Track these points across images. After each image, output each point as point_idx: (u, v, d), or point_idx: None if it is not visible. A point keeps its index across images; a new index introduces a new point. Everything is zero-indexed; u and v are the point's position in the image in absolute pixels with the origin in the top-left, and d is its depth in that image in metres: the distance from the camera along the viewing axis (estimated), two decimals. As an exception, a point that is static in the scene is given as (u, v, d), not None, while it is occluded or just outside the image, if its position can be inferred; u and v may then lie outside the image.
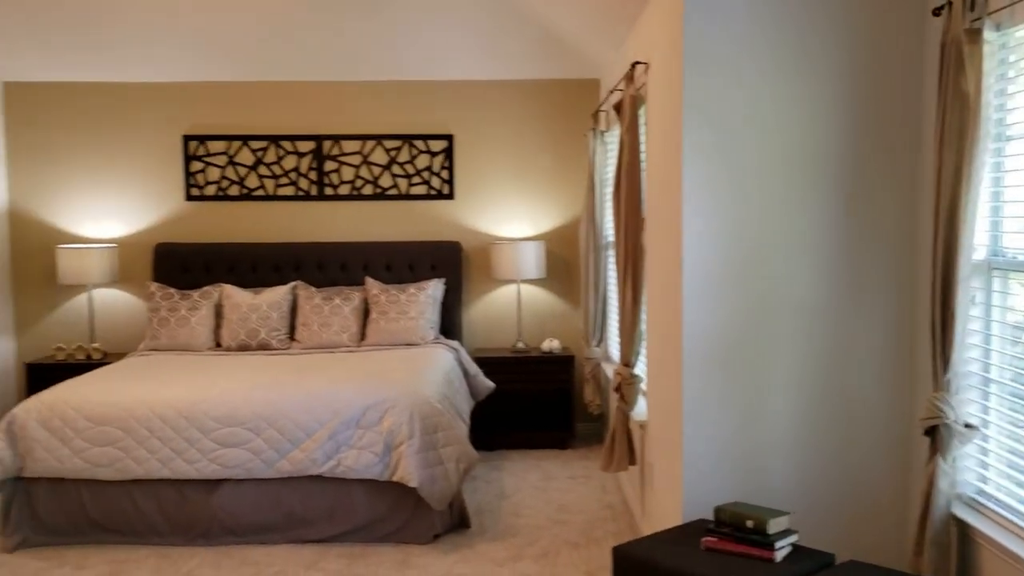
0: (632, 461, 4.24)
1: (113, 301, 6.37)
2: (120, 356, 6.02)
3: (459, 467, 4.24)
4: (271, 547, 4.26)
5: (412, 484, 4.13)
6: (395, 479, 4.19)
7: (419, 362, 5.07)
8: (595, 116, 5.64)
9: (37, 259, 6.33)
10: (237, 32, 5.72)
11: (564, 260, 6.36)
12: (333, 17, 5.59)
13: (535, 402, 6.00)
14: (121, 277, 6.31)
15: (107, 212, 6.35)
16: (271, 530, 4.31)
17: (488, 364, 5.93)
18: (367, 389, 4.42)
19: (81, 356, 6.10)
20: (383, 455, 4.21)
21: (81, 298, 6.34)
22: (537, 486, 5.19)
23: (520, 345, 6.16)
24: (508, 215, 6.35)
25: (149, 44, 5.86)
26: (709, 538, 2.87)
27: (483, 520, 4.60)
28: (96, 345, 6.15)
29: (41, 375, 5.87)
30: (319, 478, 4.28)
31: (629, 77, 4.22)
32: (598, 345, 5.60)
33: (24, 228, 6.33)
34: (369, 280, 5.98)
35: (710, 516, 3.11)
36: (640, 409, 4.24)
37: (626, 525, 4.51)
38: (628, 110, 4.13)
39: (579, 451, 5.94)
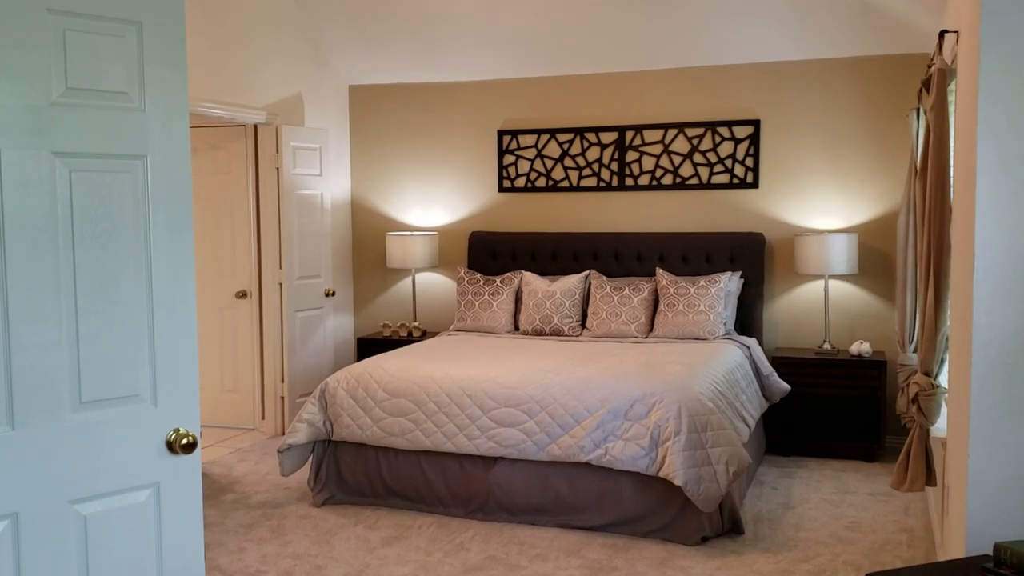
0: (930, 481, 3.76)
1: (433, 284, 6.89)
2: (436, 335, 6.45)
3: (728, 469, 4.02)
4: (540, 528, 4.35)
5: (677, 482, 3.99)
6: (661, 475, 4.08)
7: (700, 357, 4.88)
8: (919, 94, 5.04)
9: (371, 245, 7.03)
10: (545, 30, 5.92)
11: (881, 254, 5.77)
12: (634, 7, 5.57)
13: (840, 409, 5.51)
14: (440, 262, 6.80)
15: (430, 202, 6.88)
16: (541, 512, 4.41)
17: (789, 365, 5.56)
18: (637, 381, 4.36)
19: (403, 333, 6.65)
20: (649, 449, 4.12)
21: (406, 280, 6.93)
22: (829, 499, 4.78)
23: (826, 346, 5.70)
24: (818, 205, 5.89)
25: (469, 47, 6.27)
26: (983, 579, 2.44)
27: (760, 528, 4.33)
28: (416, 324, 6.69)
29: (367, 349, 6.49)
30: (587, 466, 4.29)
31: (939, 48, 3.72)
32: (915, 351, 5.01)
33: (362, 216, 7.05)
34: (659, 271, 5.86)
35: (993, 553, 2.65)
36: (942, 424, 3.74)
37: (921, 553, 4.00)
38: (936, 85, 3.65)
39: (887, 465, 5.35)
